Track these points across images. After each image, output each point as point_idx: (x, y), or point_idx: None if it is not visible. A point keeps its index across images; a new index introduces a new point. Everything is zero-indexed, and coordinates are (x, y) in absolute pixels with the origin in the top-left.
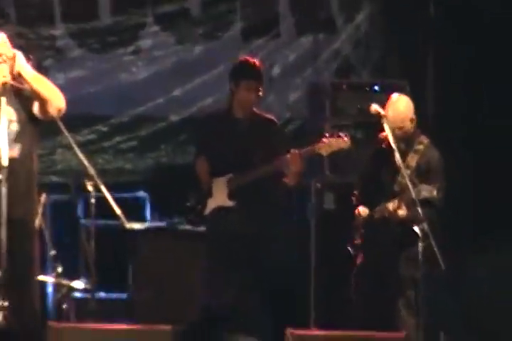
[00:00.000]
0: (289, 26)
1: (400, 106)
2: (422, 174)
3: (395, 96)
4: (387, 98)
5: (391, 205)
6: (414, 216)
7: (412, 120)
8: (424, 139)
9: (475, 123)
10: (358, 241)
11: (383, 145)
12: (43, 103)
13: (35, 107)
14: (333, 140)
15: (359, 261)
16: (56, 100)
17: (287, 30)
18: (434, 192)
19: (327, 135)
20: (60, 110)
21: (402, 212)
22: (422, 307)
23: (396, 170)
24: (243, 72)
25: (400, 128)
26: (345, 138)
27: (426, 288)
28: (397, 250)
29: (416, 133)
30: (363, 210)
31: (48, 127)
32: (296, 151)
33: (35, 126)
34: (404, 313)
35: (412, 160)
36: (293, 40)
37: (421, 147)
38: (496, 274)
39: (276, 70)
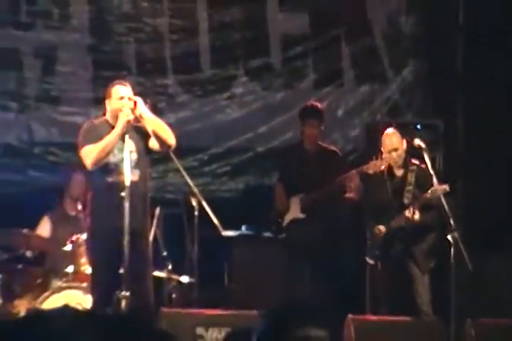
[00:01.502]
0: (350, 78)
1: (393, 136)
2: (421, 185)
3: (390, 130)
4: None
5: (407, 213)
6: (431, 219)
7: (399, 144)
8: (415, 161)
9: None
10: (376, 253)
11: (378, 173)
12: (159, 140)
13: (151, 142)
14: (376, 161)
15: (379, 267)
16: (169, 138)
17: (349, 81)
18: (447, 188)
19: (373, 158)
20: (170, 146)
21: (416, 216)
22: (453, 298)
23: (398, 188)
24: (307, 113)
25: (396, 149)
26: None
27: (456, 283)
28: (409, 251)
29: (407, 159)
30: (382, 228)
31: (162, 155)
32: (352, 171)
33: (149, 156)
34: (422, 296)
35: (411, 177)
36: (353, 89)
37: (414, 167)
38: None
39: (340, 112)
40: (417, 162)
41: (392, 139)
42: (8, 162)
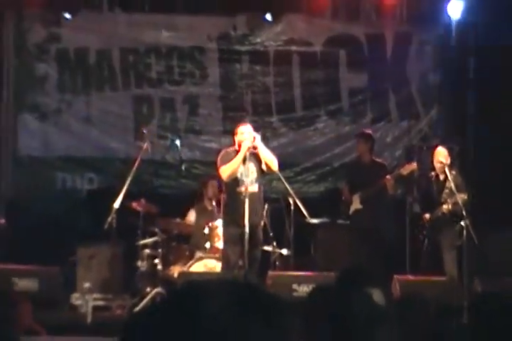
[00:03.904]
0: (395, 116)
1: (442, 151)
2: (454, 190)
3: (439, 148)
4: (447, 154)
5: (445, 205)
6: (459, 212)
7: (446, 159)
8: (454, 171)
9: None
10: (423, 231)
11: (431, 177)
12: (267, 164)
13: (262, 165)
14: (407, 165)
15: (426, 241)
16: (272, 165)
17: (394, 118)
18: (465, 196)
19: (405, 163)
20: (274, 170)
21: (451, 207)
22: (466, 262)
23: (441, 187)
24: (359, 136)
25: (441, 162)
26: (414, 164)
27: (467, 253)
28: (444, 232)
29: (450, 167)
30: (427, 216)
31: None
32: (388, 176)
33: (262, 175)
34: (451, 264)
35: (449, 183)
36: (397, 123)
37: (452, 176)
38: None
39: (388, 139)
40: (454, 172)
41: (440, 154)
42: (166, 173)
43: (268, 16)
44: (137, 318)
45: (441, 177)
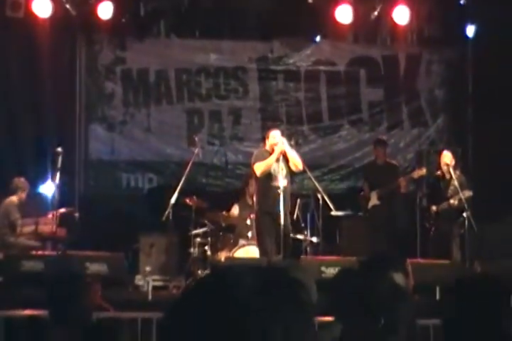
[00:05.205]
0: (407, 125)
1: (447, 154)
2: (459, 187)
3: (445, 151)
4: (451, 156)
5: (452, 200)
6: (462, 206)
7: (451, 161)
8: (458, 171)
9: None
10: (431, 221)
11: (438, 176)
12: (294, 164)
13: (290, 164)
14: (418, 170)
15: (432, 229)
16: (298, 165)
17: (406, 127)
18: (471, 193)
19: (416, 168)
20: (299, 170)
21: (456, 202)
22: (467, 247)
23: (446, 185)
24: (376, 142)
25: (447, 164)
26: (423, 169)
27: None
28: (450, 222)
29: (454, 168)
30: (434, 207)
31: (301, 170)
32: (402, 178)
33: (290, 172)
34: (455, 249)
35: (454, 182)
36: (409, 131)
37: (456, 176)
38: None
39: (401, 144)
40: (457, 172)
41: (445, 157)
42: (214, 174)
43: (318, 38)
44: (187, 294)
45: (447, 176)
